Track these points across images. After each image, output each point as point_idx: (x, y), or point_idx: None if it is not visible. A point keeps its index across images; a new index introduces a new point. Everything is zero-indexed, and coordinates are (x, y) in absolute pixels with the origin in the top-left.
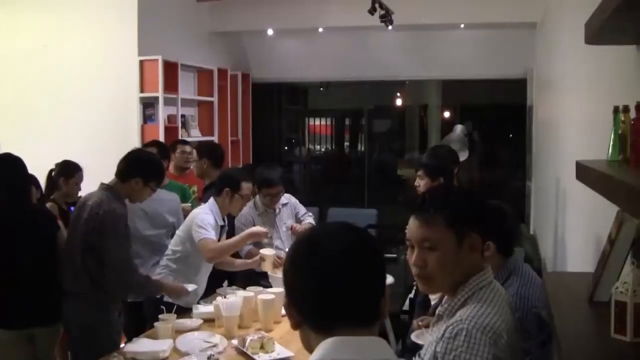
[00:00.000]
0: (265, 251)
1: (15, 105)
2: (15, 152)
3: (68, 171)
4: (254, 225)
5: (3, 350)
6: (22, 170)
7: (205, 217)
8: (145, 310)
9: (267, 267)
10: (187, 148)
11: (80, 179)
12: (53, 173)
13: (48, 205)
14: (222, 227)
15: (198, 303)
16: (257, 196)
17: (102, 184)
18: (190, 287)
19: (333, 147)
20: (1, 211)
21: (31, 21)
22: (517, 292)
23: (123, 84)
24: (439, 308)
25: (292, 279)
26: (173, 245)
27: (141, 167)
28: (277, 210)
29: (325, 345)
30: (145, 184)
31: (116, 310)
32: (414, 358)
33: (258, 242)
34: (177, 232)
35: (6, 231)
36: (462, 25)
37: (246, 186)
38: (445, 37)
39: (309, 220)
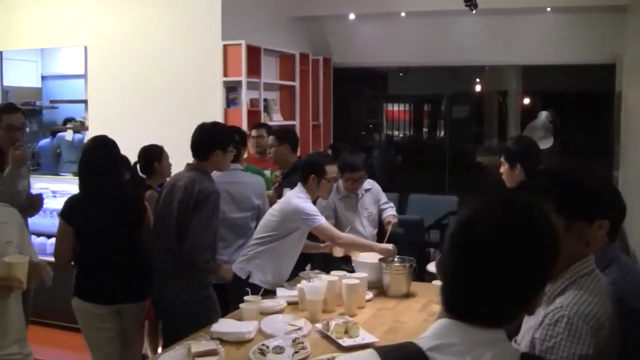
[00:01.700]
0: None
1: (102, 91)
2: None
3: (156, 154)
4: (335, 209)
5: (96, 322)
6: (114, 152)
7: (305, 205)
8: (230, 292)
9: (338, 252)
10: (264, 132)
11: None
12: (138, 161)
13: (147, 193)
14: None
15: (282, 286)
16: (340, 180)
17: (188, 164)
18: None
19: (411, 133)
20: (93, 191)
21: (117, 8)
22: (614, 281)
23: (207, 69)
24: None
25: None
26: (263, 229)
27: (215, 139)
28: (360, 195)
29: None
30: (225, 152)
31: (211, 286)
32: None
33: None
34: (269, 217)
35: (97, 212)
36: (549, 9)
37: (331, 169)
38: (528, 21)
39: (391, 211)
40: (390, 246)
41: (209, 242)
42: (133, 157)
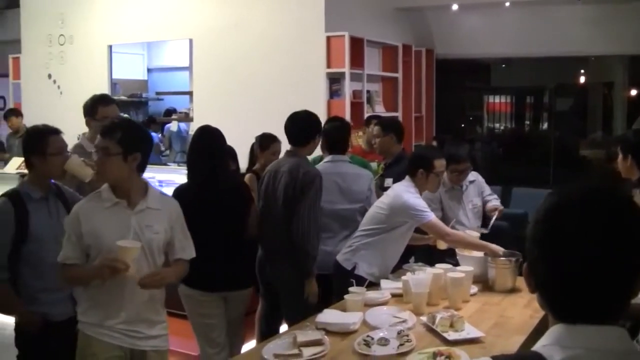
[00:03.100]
0: (470, 232)
1: (207, 83)
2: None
3: (264, 143)
4: (441, 201)
5: (202, 309)
6: (220, 141)
7: (415, 201)
8: (333, 282)
9: (442, 245)
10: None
11: (277, 149)
12: (254, 146)
13: (247, 176)
14: None
15: (386, 278)
16: (445, 172)
17: (287, 151)
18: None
19: (512, 126)
20: (201, 179)
21: (222, 0)
22: None
23: (310, 61)
24: None
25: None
26: (370, 221)
27: (313, 126)
28: (464, 187)
29: (555, 332)
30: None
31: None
32: None
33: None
34: (377, 209)
35: (205, 199)
36: None
37: (439, 163)
38: (635, 9)
39: (495, 202)
40: (500, 249)
41: (315, 225)
42: (237, 148)
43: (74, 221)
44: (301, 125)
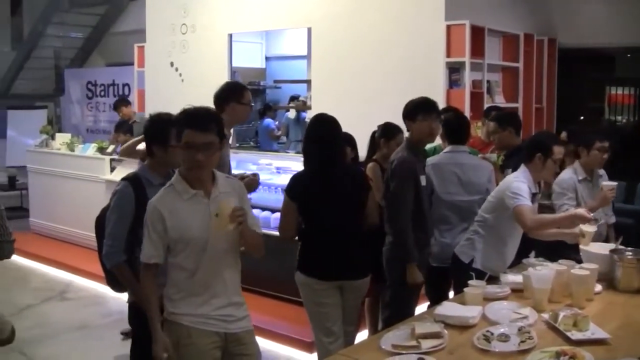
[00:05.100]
0: (586, 227)
1: (324, 71)
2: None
3: (388, 133)
4: (576, 190)
5: (317, 297)
6: (335, 128)
7: (519, 184)
8: (450, 276)
9: (586, 242)
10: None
11: (401, 140)
12: (376, 134)
13: (369, 165)
14: (534, 194)
15: (505, 272)
16: (576, 162)
17: (405, 139)
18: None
19: (635, 118)
20: (318, 167)
21: None
22: None
23: (429, 49)
24: None
25: None
26: (483, 211)
27: (406, 113)
28: (596, 179)
29: None
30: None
31: None
32: None
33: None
34: (489, 198)
35: (322, 188)
36: None
37: (558, 150)
38: None
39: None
40: (585, 211)
41: (406, 211)
42: (354, 136)
43: (156, 217)
44: (403, 112)
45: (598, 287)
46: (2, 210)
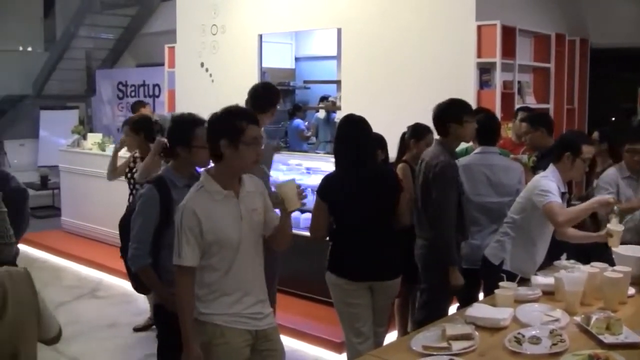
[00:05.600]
0: (614, 226)
1: (354, 72)
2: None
3: (418, 133)
4: (618, 186)
5: (347, 297)
6: (365, 129)
7: (547, 182)
8: (480, 277)
9: (614, 243)
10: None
11: (431, 141)
12: (405, 135)
13: (400, 166)
14: (563, 194)
15: (535, 274)
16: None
17: (436, 139)
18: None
19: None
20: (348, 167)
21: None
22: None
23: (460, 49)
24: None
25: None
26: (512, 212)
27: (446, 113)
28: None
29: None
30: (460, 125)
31: None
32: None
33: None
34: (517, 198)
35: (352, 188)
36: None
37: (587, 149)
38: None
39: None
40: (607, 195)
41: (450, 216)
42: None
43: (192, 220)
44: (435, 113)
45: (631, 290)
46: (3, 212)
